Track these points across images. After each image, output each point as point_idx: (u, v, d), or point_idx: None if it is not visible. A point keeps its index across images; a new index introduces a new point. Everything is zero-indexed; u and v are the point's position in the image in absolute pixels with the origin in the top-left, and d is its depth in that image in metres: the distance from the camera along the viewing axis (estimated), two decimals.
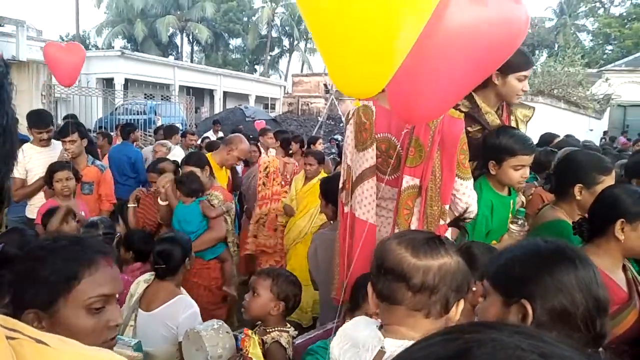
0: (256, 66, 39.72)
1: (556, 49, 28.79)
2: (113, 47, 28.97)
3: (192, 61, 34.05)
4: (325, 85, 22.42)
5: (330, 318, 1.99)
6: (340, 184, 2.32)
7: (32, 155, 3.75)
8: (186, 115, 14.64)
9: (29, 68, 10.04)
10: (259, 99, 25.13)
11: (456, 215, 2.09)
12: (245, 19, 36.84)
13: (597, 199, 1.73)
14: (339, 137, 12.99)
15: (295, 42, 37.27)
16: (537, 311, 1.02)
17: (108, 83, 17.50)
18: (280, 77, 36.45)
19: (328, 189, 2.82)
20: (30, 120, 3.79)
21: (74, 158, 3.81)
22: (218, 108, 22.16)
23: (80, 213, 3.22)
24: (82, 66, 4.42)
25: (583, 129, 13.84)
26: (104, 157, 5.34)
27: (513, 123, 2.44)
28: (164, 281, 2.34)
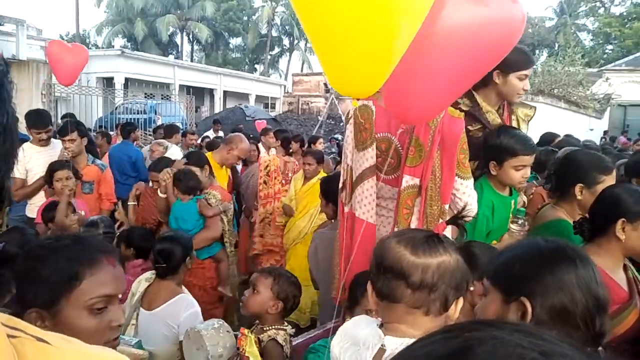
0: (256, 65, 39.70)
1: (556, 49, 28.78)
2: (113, 46, 28.93)
3: (192, 60, 34.04)
4: (325, 84, 22.40)
5: (330, 317, 1.99)
6: (340, 184, 2.32)
7: (32, 154, 3.75)
8: (186, 114, 14.63)
9: (29, 67, 10.04)
10: (259, 99, 25.11)
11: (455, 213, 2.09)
12: (245, 18, 36.82)
13: (598, 199, 1.73)
14: (339, 137, 12.98)
15: (295, 42, 37.26)
16: (537, 309, 1.03)
17: (108, 82, 17.49)
18: (280, 77, 36.44)
19: (328, 188, 2.82)
20: (28, 120, 3.78)
21: (74, 157, 3.81)
22: (218, 107, 22.15)
23: (80, 212, 3.22)
24: (84, 67, 4.41)
25: (583, 129, 13.84)
26: (103, 157, 5.34)
27: (514, 122, 2.43)
28: (165, 280, 2.34)
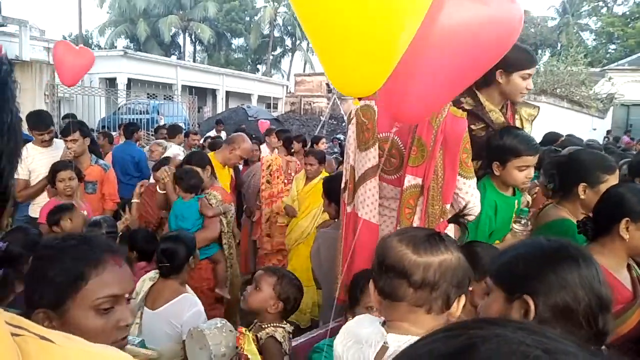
0: (258, 66, 39.72)
1: (559, 48, 28.71)
2: (116, 47, 29.05)
3: (195, 61, 34.10)
4: (327, 84, 22.37)
5: (334, 317, 1.99)
6: (342, 184, 2.32)
7: (35, 155, 3.75)
8: (189, 114, 14.64)
9: (32, 68, 10.06)
10: (262, 99, 25.12)
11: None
12: (247, 19, 36.85)
13: (602, 198, 1.72)
14: (341, 137, 12.98)
15: (297, 42, 37.28)
16: (540, 307, 1.03)
17: (111, 83, 17.52)
18: (282, 77, 36.48)
19: (331, 188, 2.82)
20: (29, 121, 3.78)
21: (77, 157, 3.81)
22: (220, 108, 22.17)
23: (82, 212, 3.22)
24: (88, 69, 4.41)
25: (586, 129, 13.81)
26: (105, 157, 5.35)
27: (517, 122, 2.42)
28: (169, 279, 2.34)
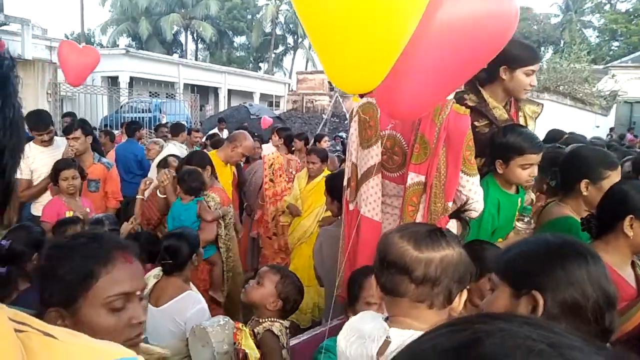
0: (260, 64, 39.70)
1: (562, 46, 28.63)
2: (118, 46, 29.02)
3: (197, 59, 34.11)
4: (329, 82, 22.35)
5: (334, 315, 2.00)
6: (344, 182, 2.32)
7: (36, 155, 3.75)
8: (191, 113, 14.64)
9: (34, 66, 10.07)
10: (264, 97, 25.11)
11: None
12: (249, 17, 36.82)
13: (606, 195, 1.72)
14: (344, 135, 12.97)
15: (299, 40, 37.23)
16: (548, 303, 1.02)
17: (113, 81, 17.52)
18: (284, 75, 36.39)
19: (333, 186, 2.82)
20: (29, 121, 3.77)
21: (79, 155, 3.82)
22: (223, 106, 22.17)
23: (85, 210, 3.23)
24: (94, 68, 4.41)
25: (589, 126, 13.76)
26: (107, 155, 5.36)
27: (521, 119, 2.41)
28: (172, 277, 2.35)
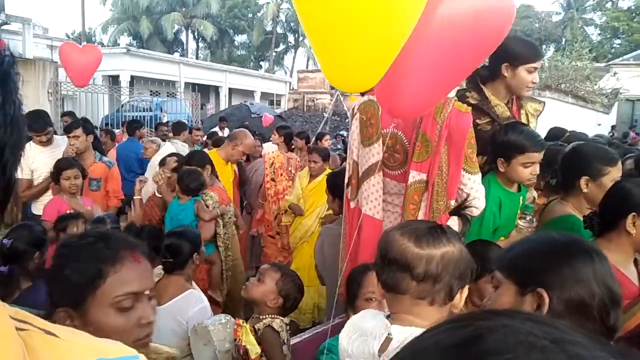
0: (261, 62, 39.71)
1: (563, 43, 28.56)
2: (119, 45, 29.01)
3: (198, 58, 34.10)
4: None
5: (336, 314, 2.00)
6: (345, 180, 2.31)
7: (36, 155, 3.73)
8: (192, 111, 14.66)
9: (35, 66, 10.07)
10: (265, 96, 25.11)
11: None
12: (250, 15, 36.82)
13: (608, 193, 1.71)
14: (345, 133, 12.95)
15: (300, 38, 37.19)
16: (554, 301, 1.02)
17: (114, 80, 17.54)
18: (285, 74, 36.39)
19: (335, 184, 2.82)
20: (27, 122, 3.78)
21: (80, 154, 3.82)
22: (224, 104, 22.19)
23: (86, 208, 3.23)
24: (97, 66, 4.41)
25: (591, 124, 13.75)
26: (108, 154, 5.36)
27: (523, 117, 2.41)
28: (173, 275, 2.34)
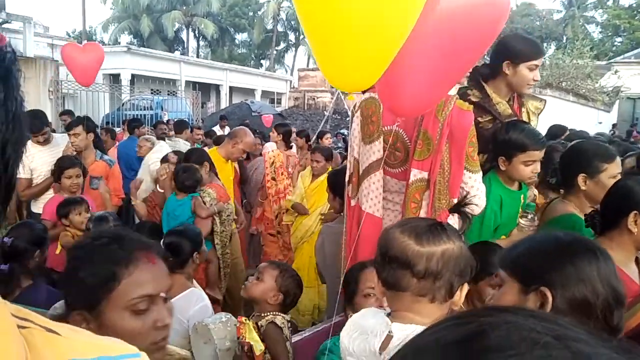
0: (262, 61, 39.69)
1: (565, 41, 28.53)
2: (119, 43, 28.99)
3: (198, 56, 34.10)
4: None
5: (338, 312, 2.00)
6: (346, 178, 2.31)
7: (35, 154, 3.72)
8: (193, 110, 14.67)
9: (36, 64, 10.08)
10: (265, 94, 25.11)
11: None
12: (250, 14, 36.78)
13: (610, 191, 1.71)
14: (345, 131, 12.95)
15: (301, 37, 37.13)
16: (557, 300, 1.02)
17: (115, 79, 17.54)
18: (286, 72, 36.37)
19: (335, 182, 2.82)
20: None
21: (81, 152, 3.82)
22: (224, 103, 22.18)
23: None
24: (100, 64, 4.41)
25: (592, 122, 13.73)
26: (108, 152, 5.35)
27: (524, 115, 2.41)
28: (174, 274, 2.34)
